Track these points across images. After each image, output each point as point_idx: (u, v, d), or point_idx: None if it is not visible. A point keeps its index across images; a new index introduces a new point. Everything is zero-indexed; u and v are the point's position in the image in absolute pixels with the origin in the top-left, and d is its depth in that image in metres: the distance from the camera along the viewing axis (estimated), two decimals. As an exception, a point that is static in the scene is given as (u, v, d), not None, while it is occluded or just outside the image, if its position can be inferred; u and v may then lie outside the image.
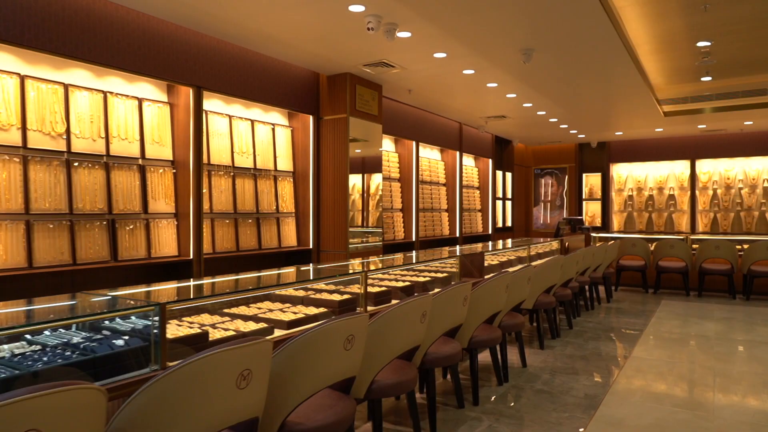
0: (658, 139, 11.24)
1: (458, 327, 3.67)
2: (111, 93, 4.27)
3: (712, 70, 7.29)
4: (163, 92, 4.75)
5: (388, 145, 7.99)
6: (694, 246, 9.59)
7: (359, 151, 6.16)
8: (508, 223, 11.66)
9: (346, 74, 5.85)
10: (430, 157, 9.04)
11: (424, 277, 4.60)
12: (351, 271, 3.93)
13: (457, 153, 9.36)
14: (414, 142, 8.00)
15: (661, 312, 7.61)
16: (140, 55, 4.23)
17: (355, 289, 3.76)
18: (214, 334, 2.67)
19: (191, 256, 4.61)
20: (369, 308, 3.69)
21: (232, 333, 2.72)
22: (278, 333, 2.96)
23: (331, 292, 3.77)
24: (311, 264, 5.53)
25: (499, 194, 11.13)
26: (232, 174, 5.32)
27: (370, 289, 3.93)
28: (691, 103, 8.54)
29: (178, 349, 2.38)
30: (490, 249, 6.17)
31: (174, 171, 4.73)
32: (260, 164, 5.65)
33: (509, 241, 8.46)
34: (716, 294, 9.25)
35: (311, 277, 3.69)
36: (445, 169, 9.41)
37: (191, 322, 2.94)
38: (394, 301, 4.00)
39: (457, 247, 7.44)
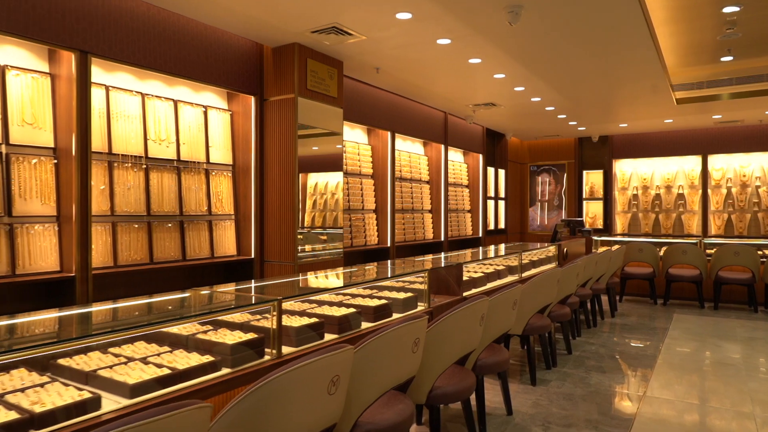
0: (666, 132, 10.16)
1: (410, 379, 2.60)
2: (-47, 55, 3.20)
3: (735, 47, 6.22)
4: (43, 60, 3.67)
5: (359, 135, 6.92)
6: (709, 251, 8.54)
7: (315, 143, 5.09)
8: (501, 225, 10.58)
9: (294, 45, 4.77)
10: (411, 150, 7.96)
11: (378, 299, 3.52)
12: (268, 297, 2.86)
13: (442, 147, 8.28)
14: (389, 133, 6.93)
15: (675, 330, 6.54)
16: (-6, 5, 3.16)
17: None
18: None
19: (74, 272, 3.53)
20: (285, 350, 2.62)
21: (12, 417, 1.64)
22: (108, 407, 1.89)
23: (233, 328, 2.71)
24: (212, 288, 4.46)
25: (491, 193, 10.06)
26: (144, 166, 4.24)
27: (295, 321, 2.86)
28: (707, 88, 7.47)
29: None
30: (469, 259, 5.10)
31: (55, 161, 3.65)
32: (186, 155, 4.57)
33: (502, 247, 7.40)
34: (735, 306, 8.18)
35: (184, 313, 2.58)
36: (428, 164, 8.34)
37: (-29, 391, 1.88)
38: (328, 336, 2.94)
39: (442, 255, 6.37)
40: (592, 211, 10.92)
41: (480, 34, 4.56)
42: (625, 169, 10.71)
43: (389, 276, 3.89)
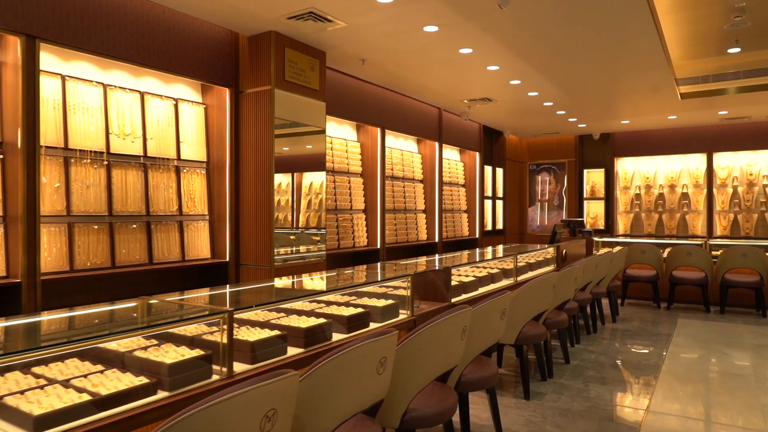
0: (670, 129, 9.82)
1: (379, 402, 2.28)
2: None
3: (742, 37, 5.88)
4: (-11, 46, 3.36)
5: (348, 132, 6.60)
6: (714, 253, 8.19)
7: (297, 138, 4.78)
8: (499, 226, 10.25)
9: (270, 33, 4.46)
10: (403, 148, 7.65)
11: (355, 307, 3.20)
12: (214, 310, 2.54)
13: (437, 144, 7.96)
14: (379, 129, 6.61)
15: (679, 336, 6.21)
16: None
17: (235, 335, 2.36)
18: None
19: (20, 278, 3.23)
20: (239, 368, 2.31)
21: None
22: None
23: (181, 342, 2.39)
24: (180, 293, 4.13)
25: (489, 192, 9.72)
26: (106, 163, 3.93)
27: (253, 334, 2.55)
28: (713, 82, 7.13)
29: None
30: (461, 261, 4.78)
31: (1, 157, 3.34)
32: (155, 151, 4.26)
33: (498, 248, 7.08)
34: (742, 310, 7.84)
35: (114, 328, 2.26)
36: (422, 162, 8.02)
37: None
38: (292, 351, 2.62)
39: (436, 257, 6.06)
40: (593, 211, 10.59)
41: (469, 19, 4.24)
42: (627, 167, 10.37)
43: (367, 281, 3.57)
